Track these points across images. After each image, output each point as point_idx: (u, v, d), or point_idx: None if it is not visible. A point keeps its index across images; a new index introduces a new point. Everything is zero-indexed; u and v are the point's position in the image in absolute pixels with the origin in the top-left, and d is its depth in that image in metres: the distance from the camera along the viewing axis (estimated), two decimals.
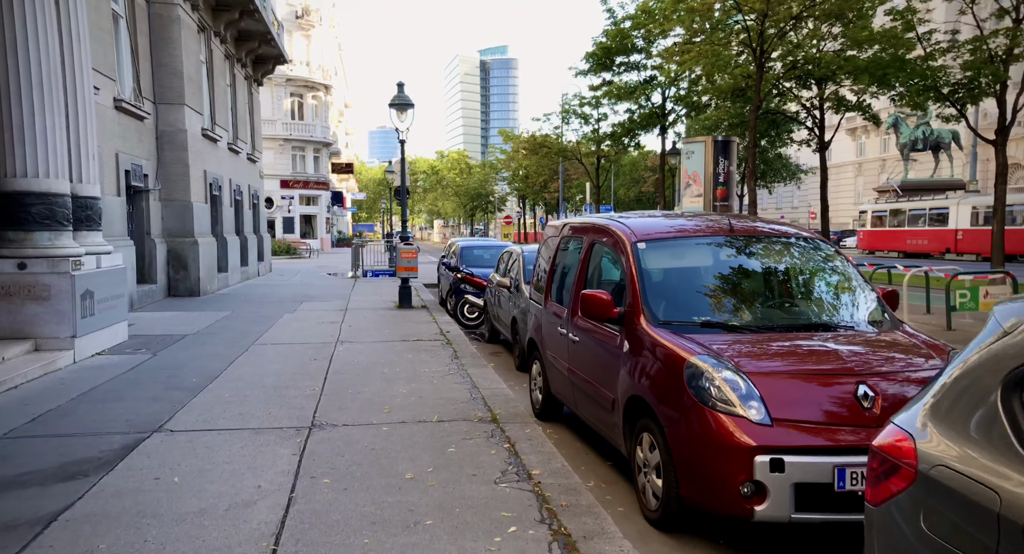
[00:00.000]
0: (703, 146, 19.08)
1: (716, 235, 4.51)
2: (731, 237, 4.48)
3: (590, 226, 5.22)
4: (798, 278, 4.35)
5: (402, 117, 13.61)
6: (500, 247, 15.04)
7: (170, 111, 14.68)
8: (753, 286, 4.35)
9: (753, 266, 4.40)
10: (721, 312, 4.11)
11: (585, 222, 5.45)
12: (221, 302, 14.44)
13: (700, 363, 3.49)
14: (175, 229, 14.96)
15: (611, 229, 4.78)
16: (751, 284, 4.35)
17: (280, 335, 10.14)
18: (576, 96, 26.66)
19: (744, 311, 4.13)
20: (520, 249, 9.36)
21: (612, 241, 4.71)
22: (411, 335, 10.16)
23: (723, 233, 4.51)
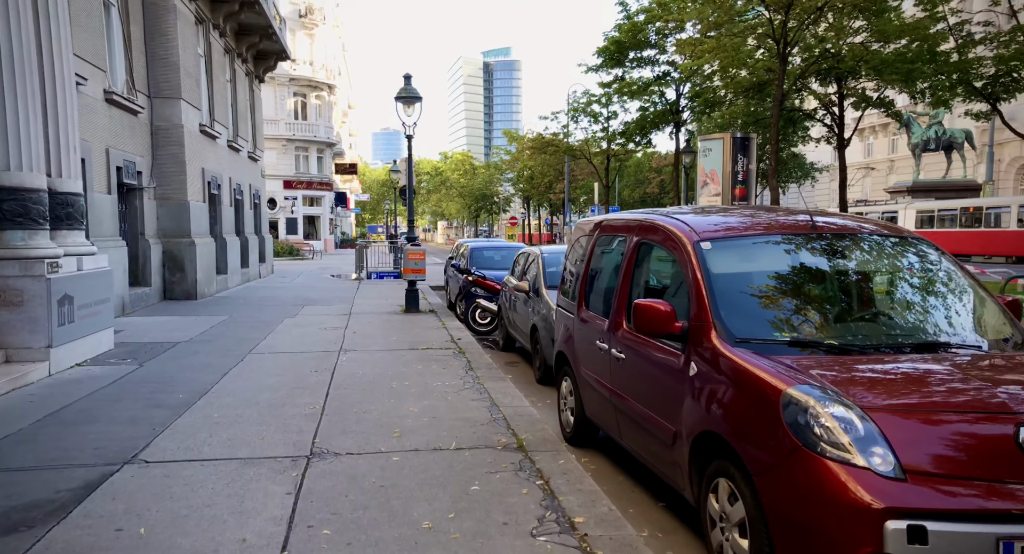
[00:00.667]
0: (721, 143, 18.31)
1: (795, 233, 3.76)
2: (814, 235, 3.72)
3: (635, 224, 4.47)
4: (904, 285, 3.58)
5: (409, 111, 12.89)
6: (511, 248, 14.30)
7: (166, 106, 13.98)
8: (848, 295, 3.59)
9: (846, 271, 3.65)
10: (813, 327, 3.35)
11: (627, 219, 4.69)
12: (219, 306, 13.73)
13: (800, 395, 2.75)
14: (171, 229, 14.26)
15: (664, 226, 4.03)
16: (845, 293, 3.59)
17: (279, 343, 9.41)
18: (585, 93, 25.96)
19: (841, 326, 3.37)
20: (538, 250, 8.62)
21: (666, 241, 3.96)
22: (420, 343, 9.42)
23: (803, 230, 3.75)
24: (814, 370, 2.93)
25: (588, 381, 4.85)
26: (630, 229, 4.47)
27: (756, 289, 3.55)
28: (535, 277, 8.09)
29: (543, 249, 8.62)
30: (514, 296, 8.83)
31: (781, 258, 3.67)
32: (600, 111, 26.08)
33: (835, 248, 3.69)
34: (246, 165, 20.74)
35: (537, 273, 8.04)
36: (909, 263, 3.69)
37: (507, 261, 13.52)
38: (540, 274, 7.94)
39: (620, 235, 4.65)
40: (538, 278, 7.94)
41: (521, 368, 8.65)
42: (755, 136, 17.45)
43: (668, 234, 3.94)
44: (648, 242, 4.23)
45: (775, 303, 3.49)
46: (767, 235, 3.79)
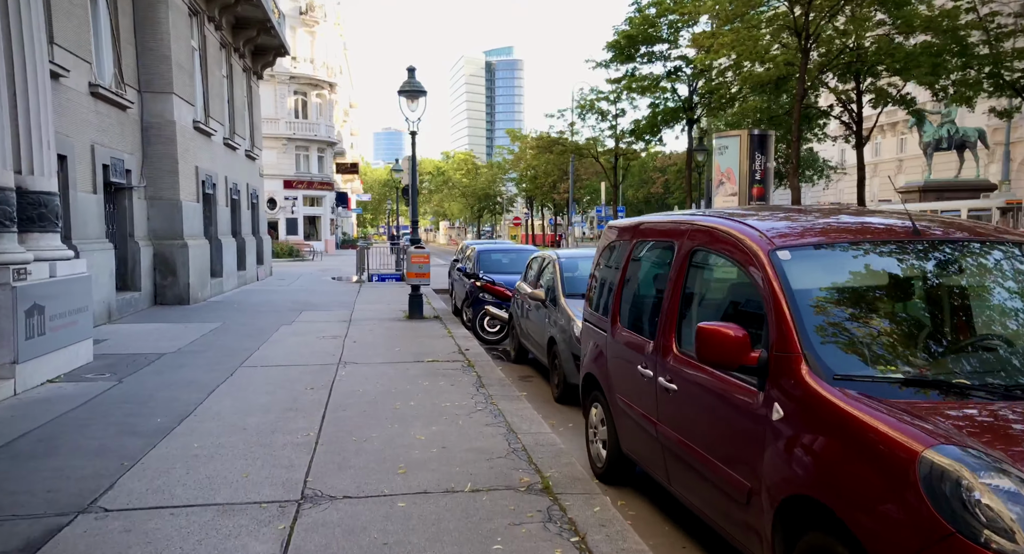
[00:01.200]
0: (738, 141, 17.58)
1: (892, 239, 3.06)
2: (918, 243, 3.02)
3: (685, 228, 3.76)
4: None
5: (413, 106, 12.21)
6: (521, 251, 13.61)
7: (157, 100, 13.31)
8: (972, 320, 2.90)
9: (966, 288, 2.95)
10: (928, 361, 2.66)
11: (675, 222, 3.98)
12: (212, 311, 13.05)
13: (947, 461, 2.05)
14: (162, 230, 13.58)
15: (727, 231, 3.33)
16: (968, 317, 2.90)
17: (273, 354, 8.73)
18: (593, 90, 25.24)
19: (964, 360, 2.68)
20: (554, 254, 7.92)
21: (730, 248, 3.26)
22: (425, 354, 8.73)
23: (903, 237, 3.06)
24: (955, 422, 2.24)
25: (625, 411, 4.16)
26: (679, 233, 3.77)
27: (852, 310, 2.85)
28: (552, 284, 7.40)
29: (560, 253, 7.92)
30: (528, 304, 8.14)
31: (878, 271, 2.98)
32: (608, 109, 25.38)
33: (946, 258, 3.00)
34: (243, 164, 20.07)
35: (554, 280, 7.35)
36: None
37: (516, 264, 12.84)
38: (558, 281, 7.25)
39: (666, 241, 3.96)
40: (556, 285, 7.25)
41: (536, 384, 7.95)
42: (773, 133, 16.69)
43: (732, 240, 3.25)
44: (704, 250, 3.53)
45: (878, 329, 2.78)
46: (857, 242, 3.08)
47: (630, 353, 4.08)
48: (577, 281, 7.28)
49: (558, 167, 54.68)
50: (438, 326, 11.30)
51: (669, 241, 3.90)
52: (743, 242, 3.16)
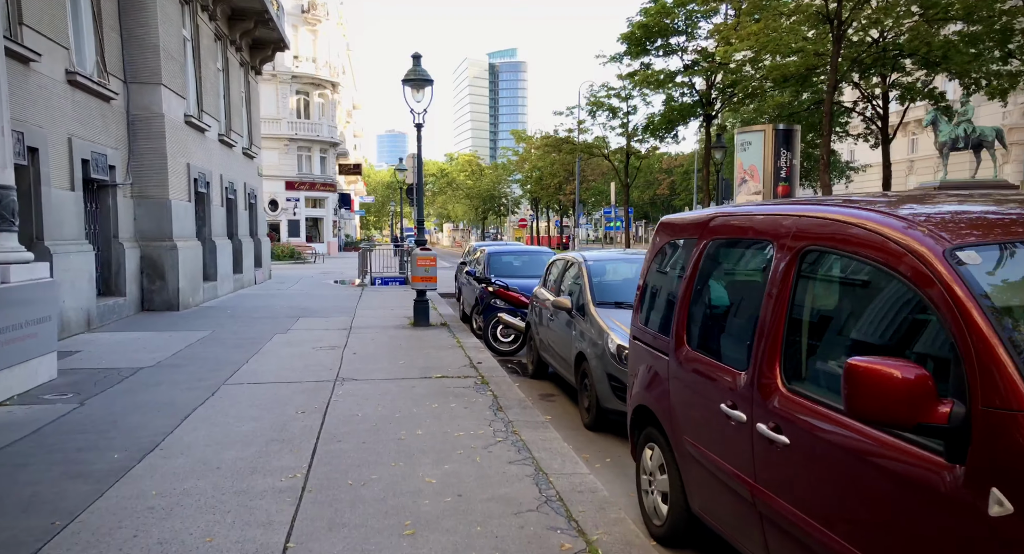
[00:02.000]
0: (762, 136, 16.61)
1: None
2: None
3: (790, 222, 2.78)
4: None
5: (418, 96, 11.29)
6: (535, 253, 12.67)
7: (144, 92, 12.41)
8: None
9: None
10: None
11: (772, 214, 2.97)
12: (203, 318, 12.13)
13: None
14: (150, 231, 12.68)
15: (865, 225, 2.37)
16: None
17: (263, 368, 7.80)
18: (604, 86, 24.31)
19: None
20: (580, 257, 6.97)
21: (872, 249, 2.30)
22: (433, 368, 7.80)
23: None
24: None
25: (697, 458, 3.22)
26: (782, 231, 2.80)
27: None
28: (579, 291, 6.45)
29: (586, 255, 6.96)
30: (549, 313, 7.19)
31: None
32: (619, 106, 24.44)
33: None
34: (240, 162, 19.18)
35: (582, 286, 6.40)
36: None
37: (530, 268, 11.90)
38: (586, 288, 6.30)
39: (759, 240, 3.00)
40: (584, 292, 6.31)
41: (561, 405, 6.99)
42: (799, 128, 15.72)
43: (876, 238, 2.29)
44: (823, 250, 2.58)
45: None
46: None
47: (706, 385, 3.14)
48: (608, 287, 6.34)
49: (564, 168, 53.76)
50: (446, 335, 10.37)
51: (763, 240, 2.95)
52: (895, 239, 2.20)
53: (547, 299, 7.39)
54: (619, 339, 5.46)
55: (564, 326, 6.54)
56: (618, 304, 6.06)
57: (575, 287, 6.67)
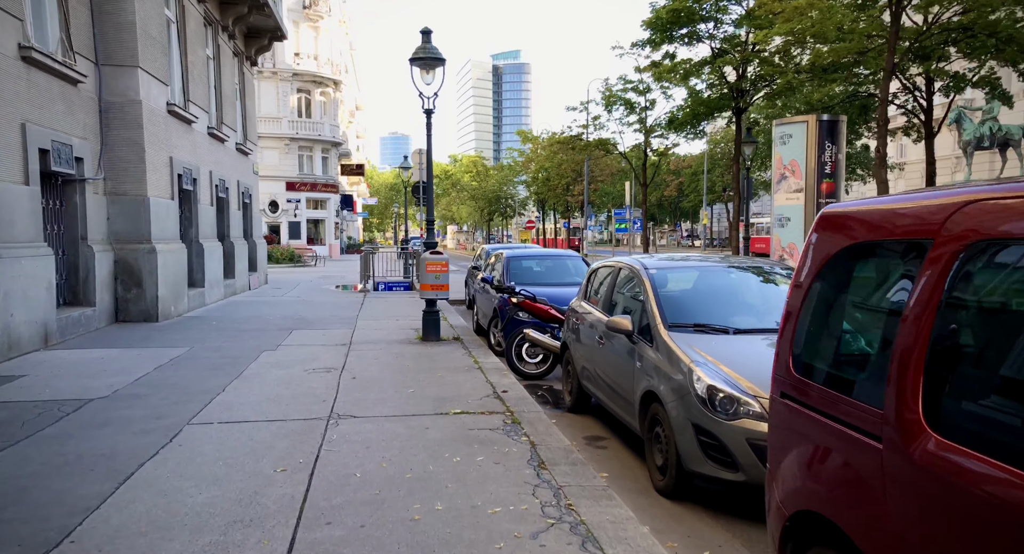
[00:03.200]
0: (804, 128, 15.06)
1: None
2: None
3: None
4: None
5: (428, 77, 9.87)
6: (559, 257, 11.23)
7: (119, 76, 11.02)
8: None
9: None
10: None
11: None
12: (184, 331, 10.72)
13: None
14: (126, 232, 11.28)
15: None
16: None
17: (242, 399, 6.37)
18: (621, 79, 22.88)
19: None
20: (638, 264, 5.50)
21: None
22: (449, 398, 6.38)
23: None
24: None
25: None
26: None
27: None
28: (640, 309, 5.00)
29: (646, 262, 5.49)
30: (596, 334, 5.73)
31: None
32: (637, 100, 23.02)
33: None
34: (233, 158, 17.79)
35: (646, 303, 4.94)
36: None
37: (554, 274, 10.48)
38: (652, 305, 4.84)
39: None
40: (648, 312, 4.85)
41: (616, 453, 5.51)
42: (844, 118, 14.21)
43: None
44: None
45: None
46: None
47: (989, 513, 1.68)
48: (683, 305, 4.90)
49: (572, 168, 52.37)
50: (460, 352, 8.93)
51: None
52: None
53: (591, 316, 5.95)
54: (710, 378, 4.03)
55: (622, 354, 5.09)
56: (698, 327, 4.62)
57: (633, 304, 5.22)
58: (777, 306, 4.89)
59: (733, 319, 4.69)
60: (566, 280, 10.26)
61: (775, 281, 5.22)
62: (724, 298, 5.06)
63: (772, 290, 5.15)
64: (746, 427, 3.79)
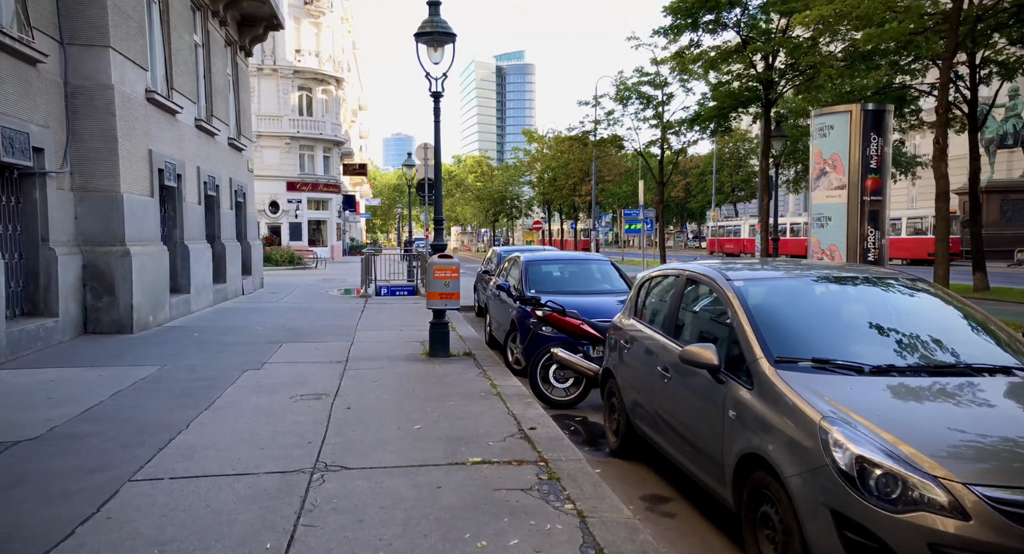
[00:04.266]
0: (847, 118, 13.66)
1: None
2: None
3: None
4: None
5: (436, 56, 8.62)
6: (584, 261, 9.94)
7: (87, 57, 9.79)
8: None
9: None
10: None
11: None
12: (160, 344, 9.48)
13: None
14: (96, 233, 10.05)
15: None
16: None
17: (207, 440, 5.11)
18: (637, 71, 21.61)
19: None
20: (717, 273, 4.10)
21: None
22: (465, 438, 5.12)
23: None
24: None
25: None
26: None
27: None
28: (727, 336, 3.70)
29: (725, 270, 4.16)
30: (658, 365, 4.40)
31: None
32: (654, 93, 21.74)
33: None
34: (225, 154, 16.56)
35: (735, 327, 3.63)
36: None
37: (580, 281, 9.21)
38: (747, 330, 3.52)
39: None
40: (742, 339, 3.55)
41: (690, 524, 4.15)
42: (891, 107, 12.86)
43: None
44: None
45: None
46: None
47: None
48: (786, 329, 3.58)
49: (580, 168, 51.05)
50: (473, 372, 7.67)
51: None
52: None
53: (647, 339, 4.67)
54: (856, 445, 2.74)
55: (701, 395, 3.79)
56: (818, 364, 3.32)
57: (713, 327, 3.94)
58: (935, 332, 3.61)
59: (866, 351, 3.40)
60: (593, 288, 8.98)
61: (913, 295, 3.93)
62: (847, 321, 3.77)
63: (915, 309, 3.86)
64: (927, 525, 2.51)
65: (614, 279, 9.25)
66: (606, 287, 9.02)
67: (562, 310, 6.80)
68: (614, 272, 9.37)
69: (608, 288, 8.99)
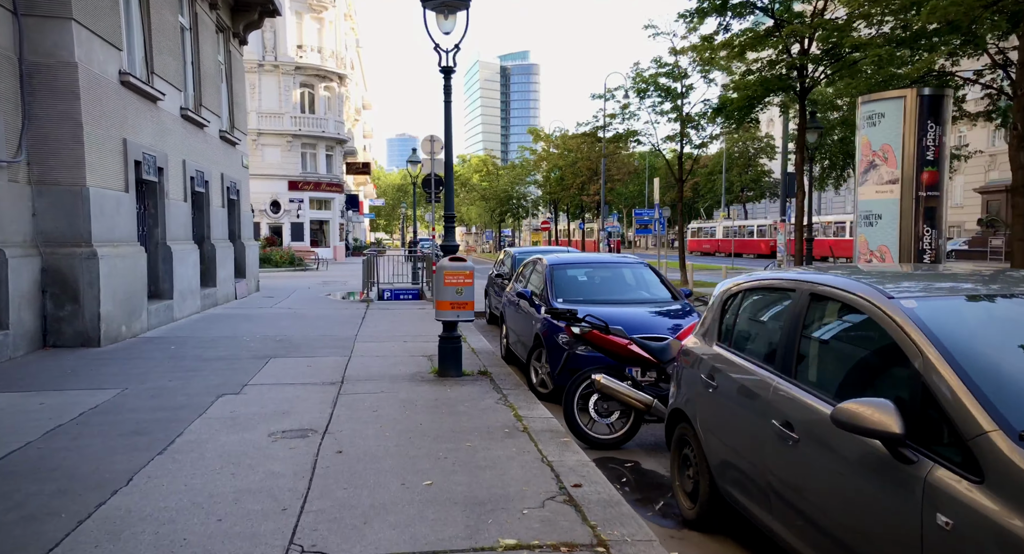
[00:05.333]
0: (900, 105, 12.30)
1: None
2: None
3: None
4: None
5: (447, 24, 7.35)
6: (616, 265, 8.61)
7: (46, 29, 8.54)
8: None
9: None
10: None
11: None
12: (127, 360, 8.22)
13: None
14: (57, 232, 8.81)
15: None
16: None
17: (148, 507, 3.84)
18: (655, 61, 20.30)
19: None
20: (876, 292, 2.62)
21: None
22: (490, 505, 3.85)
23: None
24: None
25: None
26: None
27: None
28: (905, 387, 2.42)
29: (886, 286, 2.76)
30: (774, 419, 3.07)
31: None
32: (674, 86, 20.43)
33: None
34: (216, 148, 15.32)
35: (930, 378, 2.32)
36: None
37: (615, 288, 7.92)
38: (956, 386, 2.25)
39: None
40: (948, 399, 2.24)
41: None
42: (951, 92, 11.46)
43: None
44: None
45: None
46: None
47: None
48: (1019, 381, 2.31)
49: (588, 167, 49.70)
50: (491, 398, 6.39)
51: None
52: None
53: (741, 373, 3.39)
54: None
55: (867, 476, 2.45)
56: None
57: (880, 372, 2.63)
58: None
59: None
60: (630, 296, 7.68)
61: None
62: None
63: None
64: None
65: (653, 285, 7.95)
66: (644, 295, 7.73)
67: (605, 326, 5.51)
68: (653, 277, 8.06)
69: (646, 296, 7.70)
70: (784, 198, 24.20)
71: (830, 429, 2.59)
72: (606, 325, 5.52)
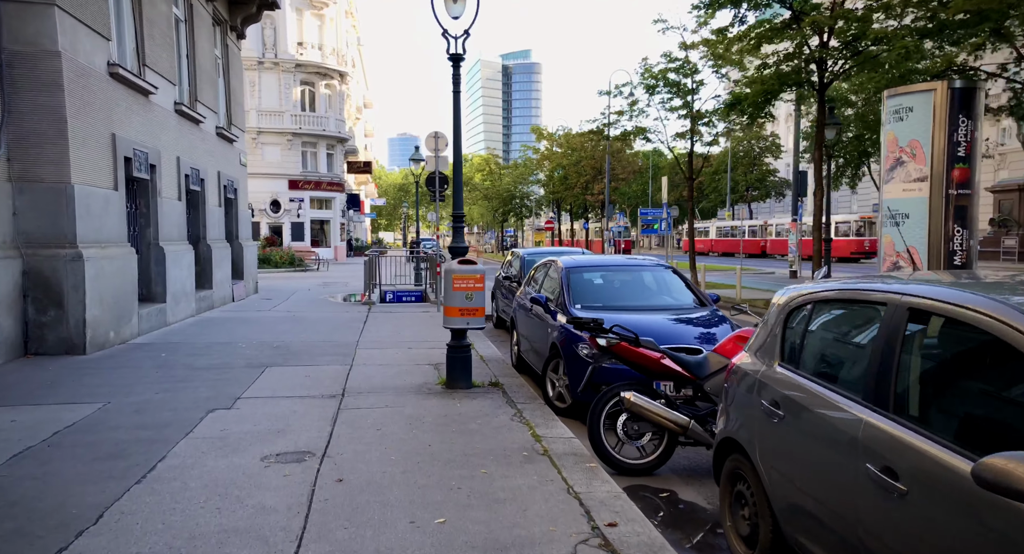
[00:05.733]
0: (929, 98, 11.73)
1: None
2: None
3: None
4: None
5: (455, 9, 6.80)
6: (638, 268, 8.03)
7: (26, 15, 8.00)
8: None
9: None
10: None
11: None
12: (113, 369, 7.68)
13: None
14: (39, 232, 8.27)
15: None
16: None
17: (118, 552, 3.30)
18: (666, 56, 19.72)
19: None
20: (1005, 308, 2.27)
21: None
22: (513, 551, 3.29)
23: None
24: None
25: None
26: None
27: None
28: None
29: (1014, 299, 2.34)
30: (869, 464, 2.49)
31: None
32: (684, 81, 19.87)
33: None
34: (212, 145, 14.78)
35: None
36: None
37: (637, 293, 7.37)
38: None
39: None
40: None
41: None
42: (983, 84, 10.90)
43: None
44: None
45: None
46: None
47: None
48: None
49: (592, 166, 49.15)
50: (505, 414, 5.84)
51: None
52: None
53: (819, 402, 2.84)
54: None
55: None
56: None
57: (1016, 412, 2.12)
58: None
59: None
60: (652, 302, 7.12)
61: None
62: None
63: None
64: None
65: (677, 290, 7.39)
66: (668, 301, 7.17)
67: (635, 339, 4.96)
68: (677, 281, 7.50)
69: (671, 303, 7.14)
70: (796, 197, 23.61)
71: (957, 484, 2.04)
72: (636, 336, 4.97)
